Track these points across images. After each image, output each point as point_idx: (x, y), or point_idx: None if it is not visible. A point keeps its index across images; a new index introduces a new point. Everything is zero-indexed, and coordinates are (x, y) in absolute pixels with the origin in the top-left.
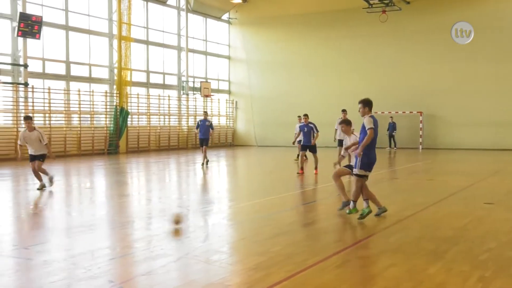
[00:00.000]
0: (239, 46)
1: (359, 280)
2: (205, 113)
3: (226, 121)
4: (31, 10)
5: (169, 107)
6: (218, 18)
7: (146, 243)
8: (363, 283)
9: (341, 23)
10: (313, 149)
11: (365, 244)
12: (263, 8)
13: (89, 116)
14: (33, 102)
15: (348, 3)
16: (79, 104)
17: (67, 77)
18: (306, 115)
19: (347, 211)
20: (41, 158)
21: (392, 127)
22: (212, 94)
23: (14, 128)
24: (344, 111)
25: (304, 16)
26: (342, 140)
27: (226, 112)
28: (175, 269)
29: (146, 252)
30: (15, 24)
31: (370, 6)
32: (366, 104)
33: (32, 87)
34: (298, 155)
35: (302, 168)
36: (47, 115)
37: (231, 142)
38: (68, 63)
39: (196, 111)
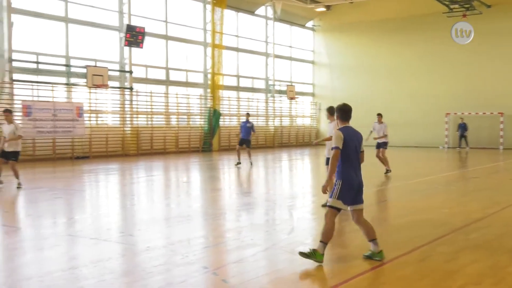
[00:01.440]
0: (322, 51)
1: (440, 275)
2: (247, 114)
3: (310, 122)
4: (135, 22)
5: (257, 109)
6: (303, 26)
7: (236, 233)
8: (444, 278)
9: (420, 28)
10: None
11: (446, 240)
12: (345, 15)
13: (186, 117)
14: (137, 105)
15: (428, 8)
16: (177, 106)
17: (167, 82)
18: (379, 115)
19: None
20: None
21: (462, 128)
22: (296, 96)
23: (121, 128)
24: (379, 115)
25: (384, 22)
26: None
27: (310, 113)
28: (263, 258)
29: (236, 242)
30: (122, 35)
31: (450, 11)
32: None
33: (137, 91)
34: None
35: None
36: (149, 116)
37: (314, 141)
38: (167, 69)
39: (282, 112)
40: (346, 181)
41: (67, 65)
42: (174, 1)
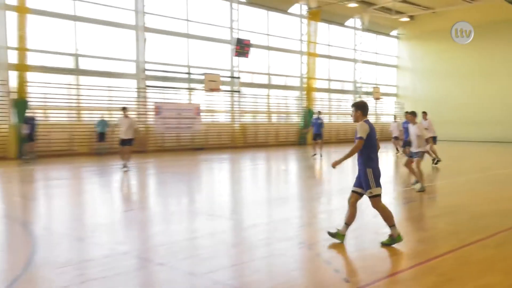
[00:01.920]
0: (405, 57)
1: None
2: (319, 112)
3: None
4: (243, 36)
5: (346, 108)
6: (387, 34)
7: (327, 215)
8: None
9: (496, 34)
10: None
11: None
12: (427, 23)
13: (284, 115)
14: (244, 105)
15: (506, 14)
16: (277, 106)
17: (269, 86)
18: (424, 112)
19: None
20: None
21: None
22: (381, 97)
23: (231, 124)
24: (424, 112)
25: None
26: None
27: (394, 111)
28: (351, 238)
29: (327, 222)
30: (232, 47)
31: None
32: (359, 107)
33: (244, 94)
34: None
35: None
36: (254, 114)
37: (397, 137)
38: (269, 75)
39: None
40: (375, 168)
41: (189, 73)
42: (275, 17)
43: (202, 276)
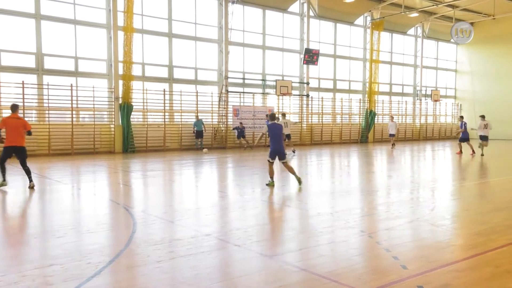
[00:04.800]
0: (465, 61)
1: None
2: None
3: (452, 120)
4: (312, 46)
5: (405, 110)
6: (447, 41)
7: (386, 207)
8: None
9: None
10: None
11: None
12: (487, 30)
13: (347, 116)
14: (311, 107)
15: None
16: (341, 107)
17: (334, 90)
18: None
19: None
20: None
21: None
22: (440, 99)
23: (299, 124)
24: (482, 116)
25: None
26: (482, 135)
27: (452, 112)
28: (409, 228)
29: (387, 214)
30: (302, 56)
31: None
32: (269, 116)
33: (312, 98)
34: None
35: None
36: (320, 115)
37: (455, 136)
38: (335, 80)
39: (427, 112)
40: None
41: (263, 80)
42: (341, 28)
43: (272, 257)
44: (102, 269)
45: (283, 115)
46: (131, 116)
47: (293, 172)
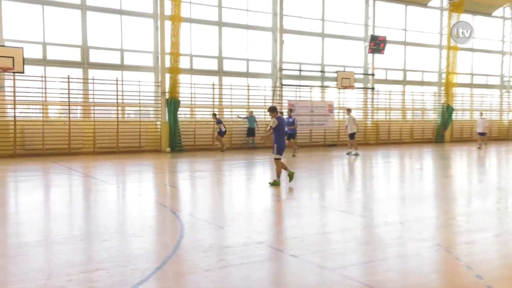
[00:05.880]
0: None
1: None
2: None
3: None
4: (378, 32)
5: (490, 104)
6: None
7: (467, 217)
8: None
9: None
10: None
11: None
12: None
13: (420, 112)
14: (377, 102)
15: None
16: (413, 102)
17: (404, 82)
18: None
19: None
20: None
21: None
22: None
23: (363, 121)
24: None
25: None
26: None
27: None
28: (495, 243)
29: (467, 225)
30: (367, 44)
31: None
32: (270, 110)
33: (377, 91)
34: None
35: None
36: (387, 111)
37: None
38: (404, 71)
39: None
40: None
41: (322, 71)
42: (412, 11)
43: (333, 270)
44: (149, 276)
45: (349, 110)
46: (178, 112)
47: (280, 171)
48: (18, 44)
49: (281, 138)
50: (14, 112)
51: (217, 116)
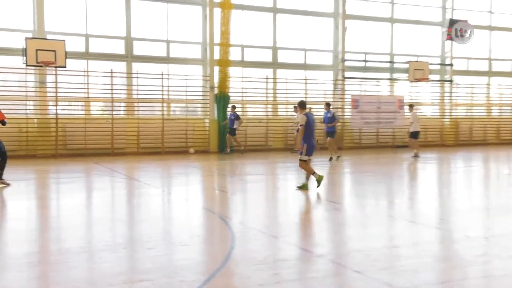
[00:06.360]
0: None
1: None
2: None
3: None
4: (458, 16)
5: None
6: None
7: None
8: None
9: None
10: None
11: None
12: None
13: (509, 108)
14: (457, 96)
15: None
16: (500, 96)
17: (489, 73)
18: None
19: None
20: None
21: None
22: None
23: (440, 119)
24: None
25: None
26: None
27: None
28: None
29: None
30: (444, 29)
31: None
32: (299, 105)
33: (457, 84)
34: None
35: None
36: (469, 107)
37: None
38: (490, 60)
39: None
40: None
41: (391, 62)
42: None
43: None
44: None
45: (411, 106)
46: (228, 109)
47: (310, 173)
48: (60, 37)
49: (310, 137)
50: (56, 110)
51: (236, 110)
